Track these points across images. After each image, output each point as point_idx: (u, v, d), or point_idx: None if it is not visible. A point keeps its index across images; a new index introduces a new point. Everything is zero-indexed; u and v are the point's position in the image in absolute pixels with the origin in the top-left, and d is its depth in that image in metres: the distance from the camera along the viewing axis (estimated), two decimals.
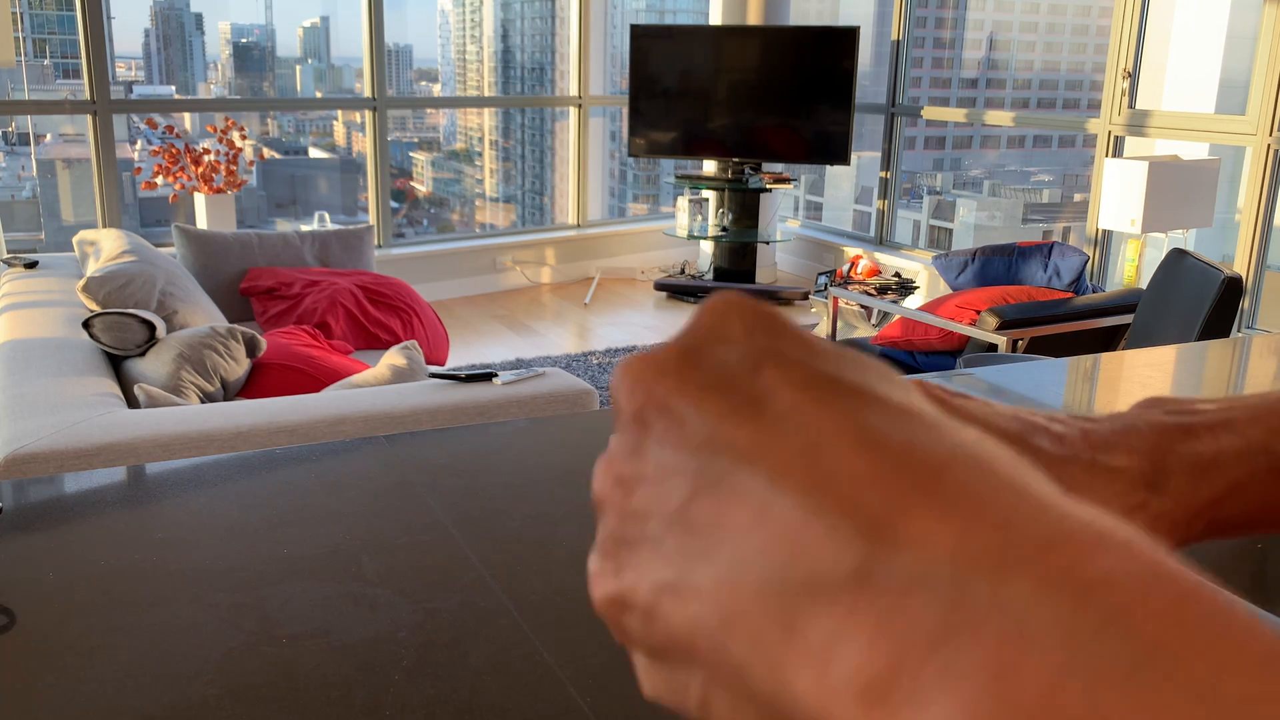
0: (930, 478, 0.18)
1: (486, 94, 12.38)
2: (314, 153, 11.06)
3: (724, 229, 6.23)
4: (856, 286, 5.58)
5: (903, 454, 0.19)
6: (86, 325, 2.54)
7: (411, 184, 11.53)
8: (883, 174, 6.29)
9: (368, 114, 5.80)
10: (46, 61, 8.88)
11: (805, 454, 0.19)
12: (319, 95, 12.58)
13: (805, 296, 6.03)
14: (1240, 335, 3.99)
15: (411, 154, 11.58)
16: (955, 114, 6.11)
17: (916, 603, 0.17)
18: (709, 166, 6.49)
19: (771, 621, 0.18)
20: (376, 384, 2.31)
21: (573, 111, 6.65)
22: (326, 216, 7.35)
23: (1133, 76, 4.82)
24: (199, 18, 11.83)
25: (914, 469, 0.18)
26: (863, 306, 5.45)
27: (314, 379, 2.74)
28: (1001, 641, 0.16)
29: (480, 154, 11.58)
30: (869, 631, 0.17)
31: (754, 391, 0.20)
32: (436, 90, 12.97)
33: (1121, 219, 4.18)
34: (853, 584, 0.17)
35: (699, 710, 0.20)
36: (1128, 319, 3.74)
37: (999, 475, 0.19)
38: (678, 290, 6.16)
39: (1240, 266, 4.33)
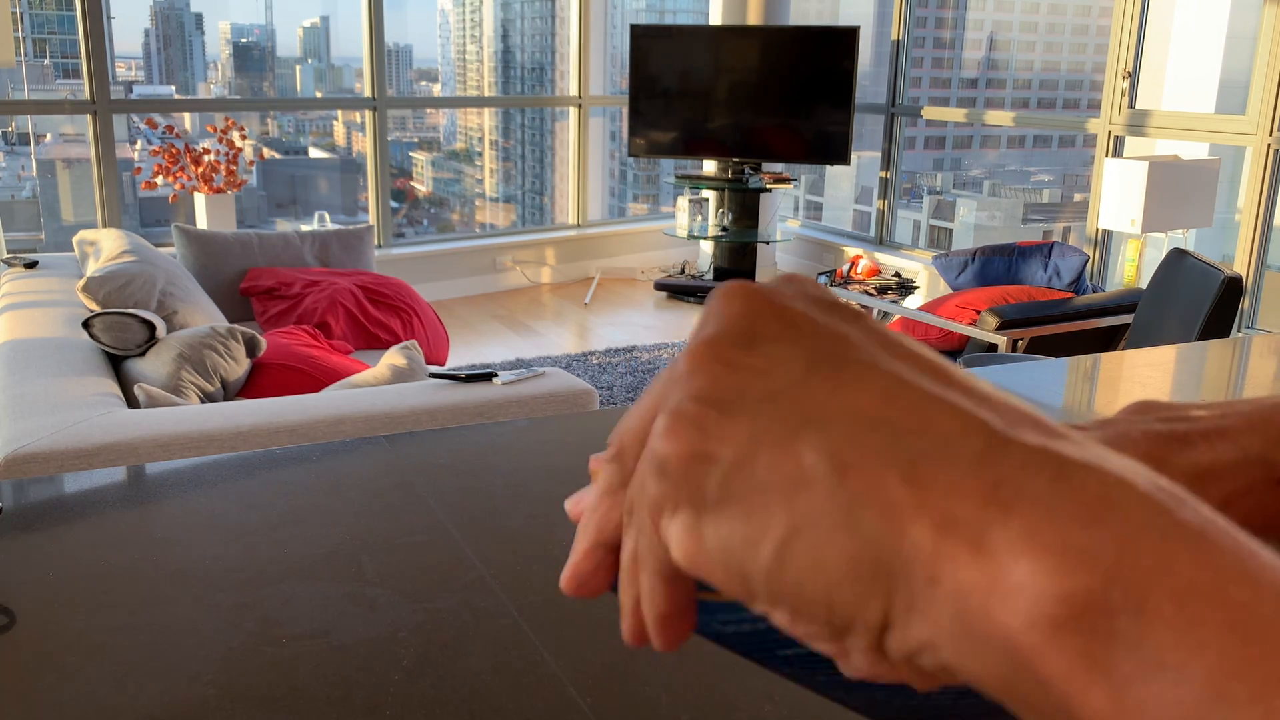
0: (1031, 414, 0.22)
1: (486, 94, 12.38)
2: (314, 153, 11.06)
3: (724, 229, 6.23)
4: (856, 286, 5.58)
5: (994, 393, 0.23)
6: (86, 325, 2.54)
7: (411, 184, 11.53)
8: (883, 174, 6.29)
9: (368, 114, 5.80)
10: (46, 61, 8.88)
11: (932, 363, 0.23)
12: (319, 95, 12.58)
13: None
14: (1240, 335, 3.99)
15: (411, 154, 11.58)
16: (955, 114, 6.11)
17: (1025, 478, 0.20)
18: (709, 166, 6.49)
19: (895, 474, 0.20)
20: (376, 384, 2.31)
21: (573, 111, 6.65)
22: (326, 216, 7.35)
23: (1133, 76, 4.82)
24: (199, 18, 11.83)
25: (1015, 408, 0.22)
26: (863, 306, 5.45)
27: (314, 379, 2.74)
28: (1098, 492, 0.19)
29: (480, 154, 11.58)
30: (984, 492, 0.20)
31: (858, 315, 0.24)
32: (436, 90, 12.97)
33: (1121, 219, 4.18)
34: (976, 459, 0.20)
35: (772, 556, 0.22)
36: (1128, 319, 3.75)
37: (1049, 427, 0.22)
38: (678, 290, 6.16)
39: (1240, 266, 4.33)
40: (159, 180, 5.30)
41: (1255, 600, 0.18)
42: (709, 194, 6.29)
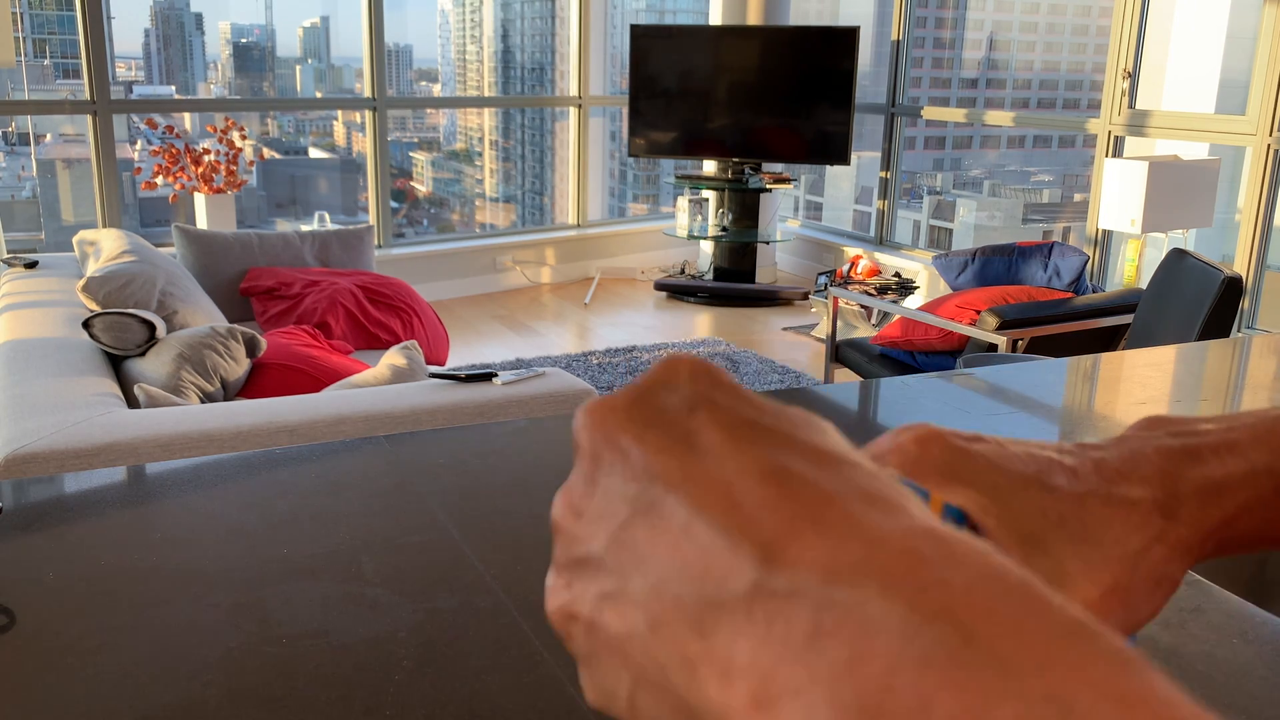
0: (820, 506, 0.22)
1: (486, 94, 12.38)
2: (314, 153, 11.06)
3: (724, 229, 6.23)
4: (856, 286, 5.58)
5: (800, 487, 0.22)
6: (86, 325, 2.54)
7: (411, 184, 11.53)
8: (883, 174, 6.29)
9: (368, 114, 5.80)
10: (46, 61, 8.88)
11: (720, 486, 0.22)
12: (319, 95, 12.57)
13: (805, 296, 6.03)
14: (1240, 335, 3.99)
15: (411, 154, 11.58)
16: (955, 114, 6.11)
17: (793, 609, 0.20)
18: (709, 166, 6.49)
19: (689, 630, 0.21)
20: (376, 384, 2.31)
21: (573, 111, 6.65)
22: (326, 216, 7.35)
23: (1133, 76, 4.82)
24: (199, 18, 11.84)
25: (807, 499, 0.22)
26: (863, 306, 5.45)
27: (314, 379, 2.74)
28: (852, 637, 0.19)
29: (480, 154, 11.58)
30: (757, 638, 0.20)
31: (687, 430, 0.24)
32: (436, 90, 12.97)
33: (1121, 219, 4.18)
34: (748, 597, 0.21)
35: (626, 709, 0.23)
36: (1128, 319, 3.74)
37: (881, 502, 0.22)
38: (678, 290, 6.16)
39: (1240, 266, 4.33)
40: (159, 180, 5.30)
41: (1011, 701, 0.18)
42: (709, 194, 6.29)
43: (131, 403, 2.22)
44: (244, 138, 5.54)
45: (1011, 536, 0.33)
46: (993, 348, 3.67)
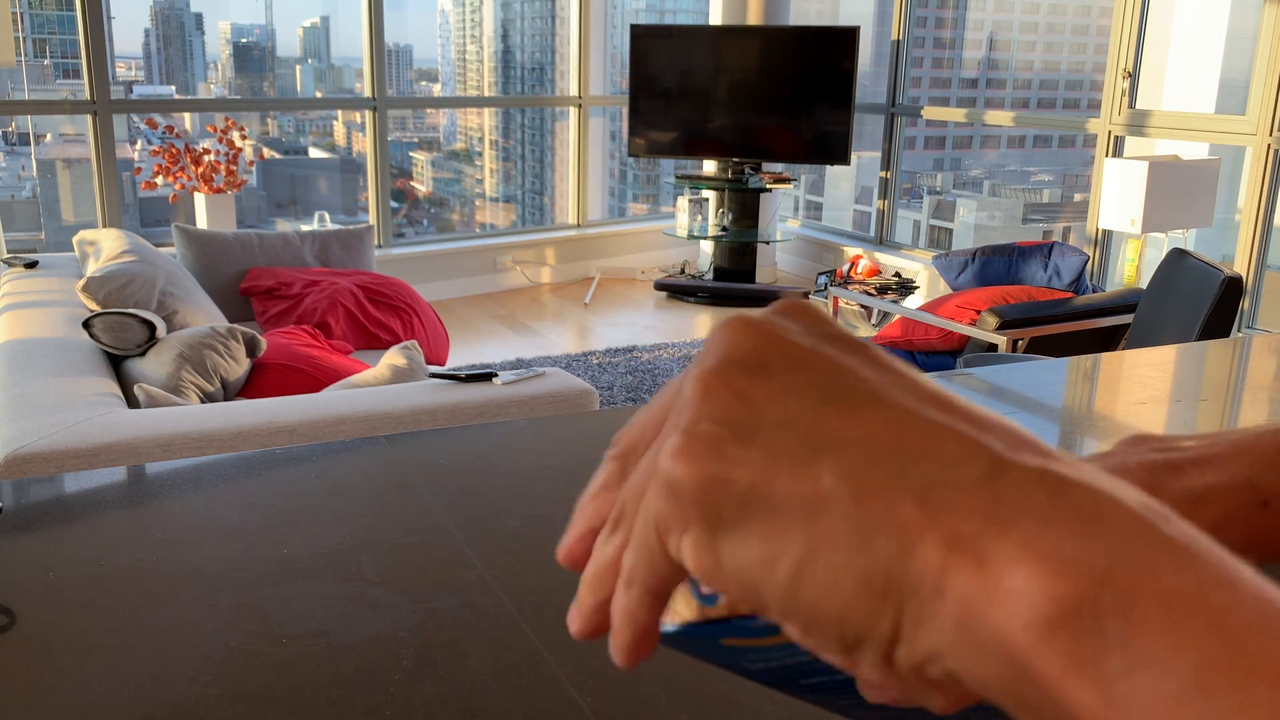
0: (1028, 438, 0.24)
1: (486, 94, 12.38)
2: (314, 153, 11.06)
3: (724, 229, 6.23)
4: (856, 286, 5.58)
5: (994, 418, 0.24)
6: (86, 325, 2.54)
7: (411, 184, 11.53)
8: (883, 174, 6.29)
9: (368, 114, 5.80)
10: (46, 61, 8.88)
11: (935, 393, 0.24)
12: (319, 95, 12.57)
13: (805, 296, 6.03)
14: (1240, 335, 3.99)
15: (411, 154, 11.59)
16: (955, 114, 6.11)
17: (1024, 496, 0.22)
18: (709, 166, 6.49)
19: (908, 498, 0.22)
20: (376, 384, 2.31)
21: (573, 111, 6.65)
22: (326, 216, 7.35)
23: (1133, 76, 4.82)
24: (199, 18, 11.84)
25: (1015, 432, 0.24)
26: (863, 306, 5.45)
27: (314, 379, 2.74)
28: (1081, 522, 0.21)
29: (480, 154, 11.58)
30: (986, 510, 0.22)
31: (861, 347, 0.25)
32: (436, 90, 12.97)
33: (1121, 219, 4.18)
34: (980, 481, 0.22)
35: (789, 575, 0.23)
36: (1128, 319, 3.75)
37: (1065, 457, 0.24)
38: (678, 290, 6.16)
39: (1240, 266, 4.33)
40: (159, 180, 5.30)
41: (1234, 604, 0.20)
42: (709, 194, 6.29)
43: (131, 403, 2.22)
44: (244, 138, 5.54)
45: None
46: (993, 347, 3.67)
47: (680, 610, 0.27)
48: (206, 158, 5.29)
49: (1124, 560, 0.20)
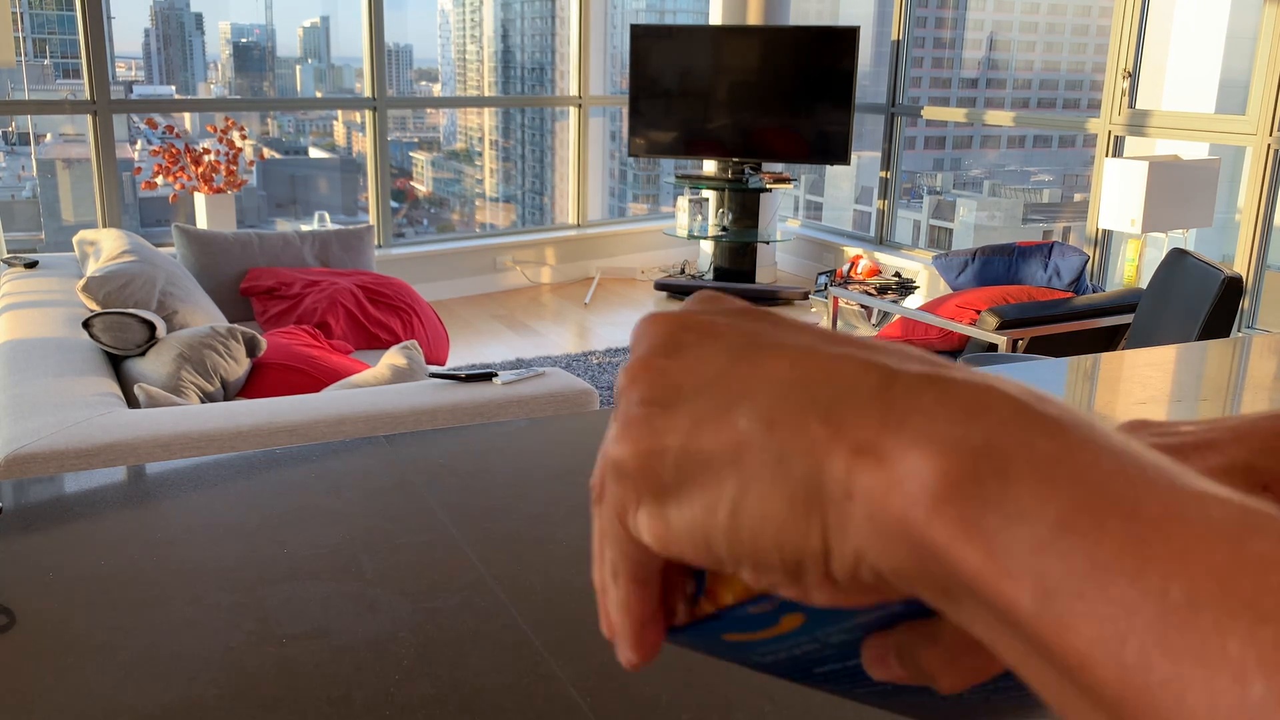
0: (918, 354, 0.25)
1: (486, 94, 12.38)
2: (314, 153, 11.06)
3: (724, 229, 6.23)
4: (856, 286, 5.58)
5: (886, 344, 0.26)
6: (86, 325, 2.54)
7: (411, 184, 11.53)
8: (883, 174, 6.29)
9: (368, 114, 5.80)
10: (46, 61, 8.89)
11: (831, 334, 0.26)
12: (319, 95, 12.57)
13: (805, 296, 6.03)
14: (1240, 335, 3.99)
15: (411, 154, 11.59)
16: (955, 114, 6.11)
17: (913, 397, 0.23)
18: (709, 166, 6.49)
19: (813, 419, 0.24)
20: (376, 384, 2.31)
21: (573, 111, 6.65)
22: (326, 216, 7.36)
23: (1133, 76, 4.82)
24: (199, 18, 11.84)
25: (904, 351, 0.26)
26: (863, 306, 5.45)
27: (314, 379, 2.74)
28: (967, 404, 0.23)
29: (480, 154, 11.58)
30: (881, 414, 0.23)
31: (765, 313, 0.27)
32: (436, 90, 12.97)
33: (1121, 219, 4.18)
34: (874, 392, 0.24)
35: (728, 517, 0.25)
36: (1128, 319, 3.74)
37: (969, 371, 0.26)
38: (678, 290, 6.16)
39: (1240, 266, 4.33)
40: (159, 180, 5.30)
41: (1095, 461, 0.22)
42: (709, 194, 6.29)
43: (131, 403, 2.22)
44: (244, 138, 5.54)
45: None
46: (993, 348, 3.67)
47: (680, 612, 0.28)
48: (206, 158, 5.29)
49: (1000, 435, 0.22)
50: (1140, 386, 1.36)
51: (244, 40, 11.96)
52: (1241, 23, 4.77)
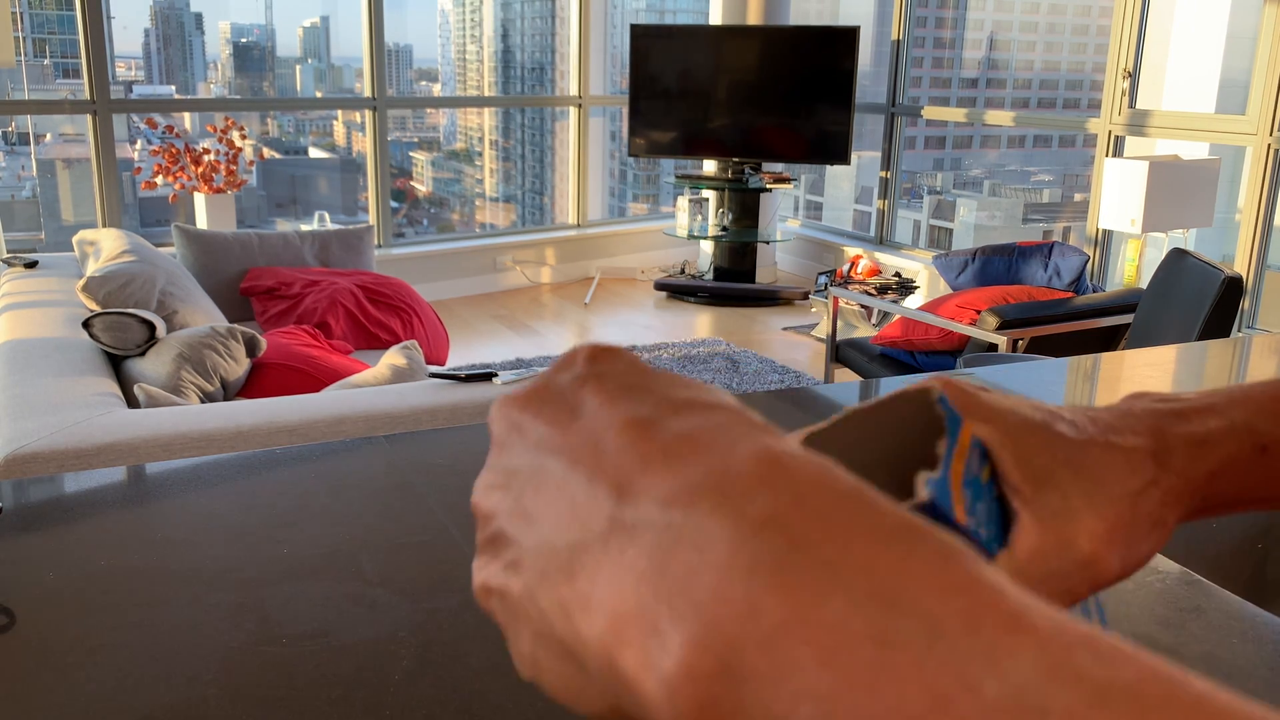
0: (674, 443, 0.23)
1: (486, 94, 12.38)
2: (314, 153, 11.06)
3: (724, 229, 6.23)
4: (856, 286, 5.58)
5: (658, 430, 0.24)
6: (86, 325, 2.54)
7: (411, 184, 11.53)
8: (883, 174, 6.29)
9: (368, 114, 5.80)
10: (46, 61, 8.89)
11: (590, 440, 0.24)
12: (319, 95, 12.57)
13: (805, 296, 6.03)
14: (1240, 335, 3.99)
15: (411, 154, 11.59)
16: (955, 114, 6.11)
17: (640, 537, 0.22)
18: (709, 166, 6.49)
19: (561, 575, 0.23)
20: (376, 384, 2.31)
21: (573, 111, 6.65)
22: (326, 216, 7.36)
23: (1133, 76, 4.82)
24: (199, 17, 11.84)
25: (663, 439, 0.23)
26: (863, 306, 5.45)
27: (314, 379, 2.74)
28: (688, 554, 0.21)
29: (480, 154, 11.58)
30: (610, 569, 0.22)
31: (574, 402, 0.26)
32: (436, 90, 12.97)
33: (1122, 219, 4.18)
34: (605, 533, 0.22)
35: (533, 669, 0.25)
36: (1128, 319, 3.75)
37: (735, 432, 0.23)
38: (678, 290, 6.16)
39: (1240, 266, 4.33)
40: (159, 180, 5.30)
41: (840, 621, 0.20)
42: (709, 194, 6.29)
43: (131, 403, 2.22)
44: (244, 137, 5.54)
45: (1022, 471, 0.35)
46: (993, 347, 3.67)
47: None
48: (206, 157, 5.29)
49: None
50: (1140, 386, 1.35)
51: (244, 40, 11.96)
52: (1241, 23, 4.77)
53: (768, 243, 6.32)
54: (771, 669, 0.19)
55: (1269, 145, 4.25)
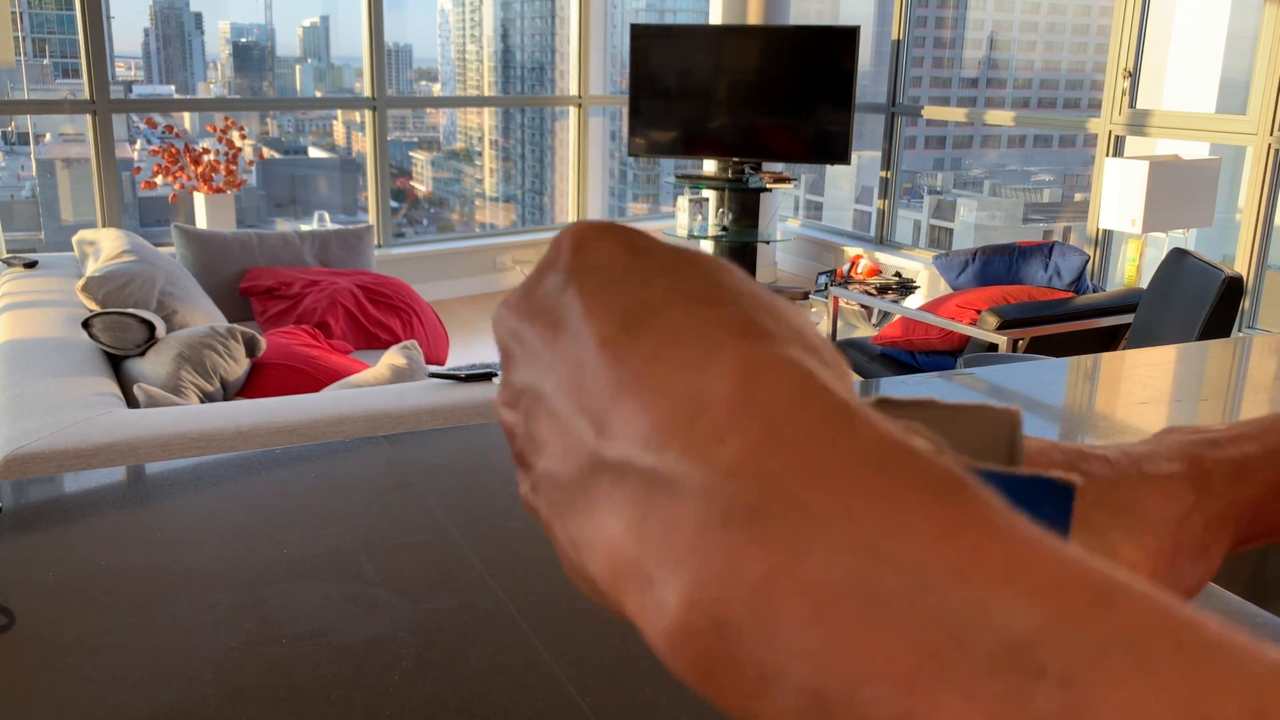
0: (647, 369, 0.21)
1: (486, 94, 12.37)
2: (314, 152, 11.06)
3: (724, 229, 6.23)
4: (857, 286, 5.58)
5: (632, 354, 0.22)
6: (86, 325, 2.54)
7: (411, 184, 11.52)
8: (883, 173, 6.29)
9: (368, 114, 5.80)
10: (46, 61, 8.89)
11: (574, 363, 0.23)
12: (319, 95, 12.57)
13: (805, 296, 6.03)
14: (1241, 335, 3.99)
15: (411, 154, 11.58)
16: (955, 114, 6.11)
17: (621, 483, 0.21)
18: (709, 166, 6.49)
19: (567, 509, 0.23)
20: (376, 384, 2.31)
21: (573, 111, 6.65)
22: (326, 216, 7.36)
23: (1133, 76, 4.82)
24: (199, 17, 11.84)
25: (635, 365, 0.22)
26: (863, 306, 5.45)
27: (314, 379, 2.74)
28: (665, 502, 0.20)
29: (480, 154, 11.57)
30: (600, 512, 0.21)
31: (559, 311, 0.24)
32: (436, 90, 12.97)
33: (1122, 219, 4.18)
34: (591, 472, 0.22)
35: (570, 575, 0.25)
36: (1128, 319, 3.74)
37: (715, 337, 0.21)
38: None
39: (1241, 266, 4.32)
40: (159, 180, 5.30)
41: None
42: (709, 194, 6.29)
43: (131, 403, 2.22)
44: (244, 137, 5.54)
45: None
46: (993, 347, 3.67)
47: None
48: (206, 157, 5.28)
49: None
50: (1140, 386, 1.35)
51: (244, 40, 11.96)
52: (1241, 23, 4.77)
53: (768, 242, 6.32)
54: (761, 627, 0.19)
55: (1269, 145, 4.25)
